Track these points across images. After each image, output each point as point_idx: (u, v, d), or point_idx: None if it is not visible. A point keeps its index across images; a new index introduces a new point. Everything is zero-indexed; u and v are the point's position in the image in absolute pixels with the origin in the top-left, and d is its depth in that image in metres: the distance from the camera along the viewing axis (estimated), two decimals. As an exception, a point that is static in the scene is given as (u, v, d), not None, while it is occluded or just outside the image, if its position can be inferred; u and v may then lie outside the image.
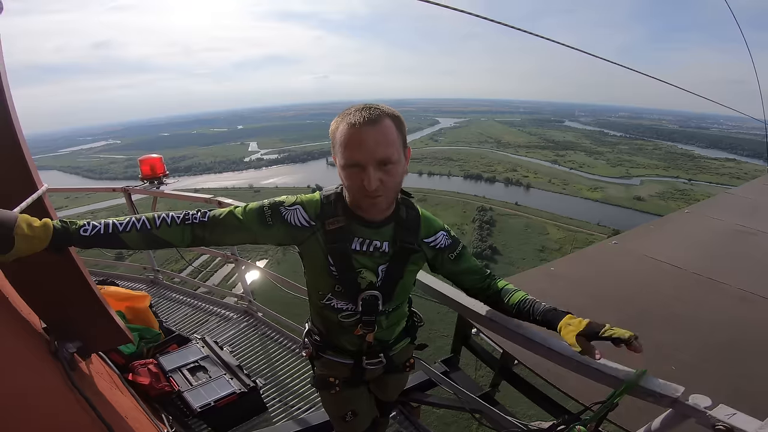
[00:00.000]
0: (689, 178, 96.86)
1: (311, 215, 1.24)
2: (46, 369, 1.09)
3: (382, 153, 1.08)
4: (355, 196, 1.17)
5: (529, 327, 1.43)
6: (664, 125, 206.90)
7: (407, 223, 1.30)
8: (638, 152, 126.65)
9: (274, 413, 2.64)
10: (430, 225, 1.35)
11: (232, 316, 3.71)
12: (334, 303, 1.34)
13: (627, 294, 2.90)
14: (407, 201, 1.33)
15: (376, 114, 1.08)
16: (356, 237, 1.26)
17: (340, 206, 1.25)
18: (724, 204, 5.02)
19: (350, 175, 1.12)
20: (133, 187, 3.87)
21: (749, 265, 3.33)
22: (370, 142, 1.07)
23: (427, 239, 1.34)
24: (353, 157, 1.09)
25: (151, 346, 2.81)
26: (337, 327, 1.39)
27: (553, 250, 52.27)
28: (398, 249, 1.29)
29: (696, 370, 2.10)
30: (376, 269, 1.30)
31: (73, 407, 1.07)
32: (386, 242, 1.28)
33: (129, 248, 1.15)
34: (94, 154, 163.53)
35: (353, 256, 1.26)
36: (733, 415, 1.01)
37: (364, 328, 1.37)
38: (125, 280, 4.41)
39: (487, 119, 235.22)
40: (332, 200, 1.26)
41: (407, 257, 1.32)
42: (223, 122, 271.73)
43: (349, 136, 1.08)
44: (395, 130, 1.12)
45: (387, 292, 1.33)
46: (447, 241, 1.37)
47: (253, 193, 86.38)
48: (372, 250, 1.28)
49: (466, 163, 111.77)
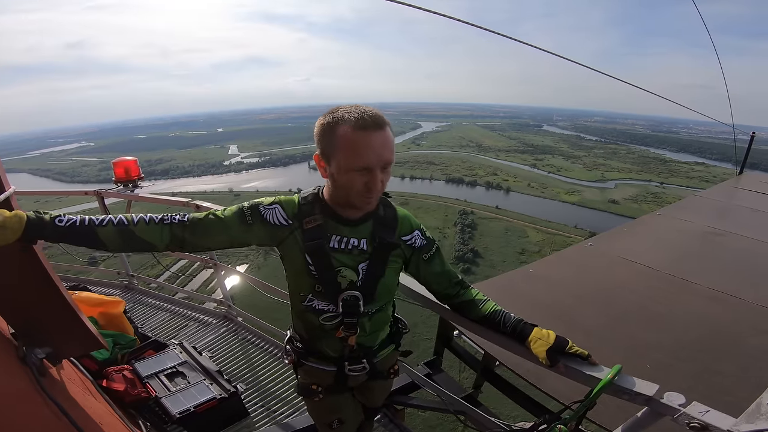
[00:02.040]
0: (661, 181, 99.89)
1: (289, 214, 1.25)
2: (14, 374, 1.06)
3: (389, 156, 1.14)
4: (354, 197, 1.18)
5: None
6: (637, 130, 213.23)
7: (385, 220, 1.32)
8: (613, 156, 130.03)
9: (256, 418, 2.59)
10: (408, 223, 1.37)
11: (211, 321, 3.63)
12: (315, 304, 1.32)
13: (603, 294, 2.97)
14: (384, 200, 1.35)
15: (380, 118, 1.12)
16: (334, 235, 1.27)
17: (318, 206, 1.27)
18: (694, 206, 5.21)
19: (354, 177, 1.13)
20: (106, 191, 3.75)
21: (719, 265, 3.46)
22: (379, 146, 1.11)
23: (405, 237, 1.36)
24: (364, 162, 1.11)
25: (125, 352, 2.73)
26: (319, 331, 1.37)
27: (532, 253, 53.09)
28: (377, 246, 1.30)
29: (670, 368, 2.16)
30: (357, 267, 1.29)
31: (43, 413, 1.04)
32: (364, 239, 1.29)
33: (104, 248, 1.13)
34: (66, 156, 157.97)
35: (332, 254, 1.27)
36: (706, 413, 1.03)
37: (346, 331, 1.35)
38: (99, 285, 4.27)
39: (468, 123, 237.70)
40: (310, 201, 1.28)
41: (387, 254, 1.32)
42: (202, 125, 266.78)
43: (359, 140, 1.09)
44: (392, 135, 1.17)
45: (368, 292, 1.32)
46: (422, 241, 1.39)
47: (233, 197, 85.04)
48: (350, 247, 1.28)
49: (447, 167, 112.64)
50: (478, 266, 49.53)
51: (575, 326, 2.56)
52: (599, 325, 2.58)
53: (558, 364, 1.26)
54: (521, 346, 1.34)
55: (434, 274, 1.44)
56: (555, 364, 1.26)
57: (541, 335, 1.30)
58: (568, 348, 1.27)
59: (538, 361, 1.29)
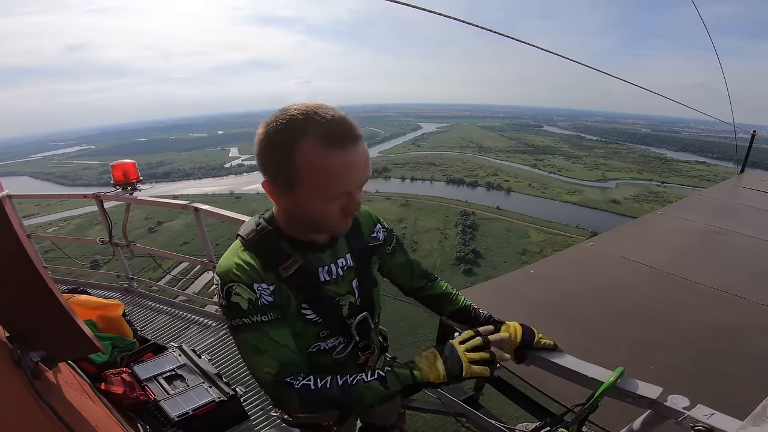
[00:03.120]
0: (662, 180, 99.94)
1: (263, 277, 0.99)
2: (8, 378, 1.05)
3: (368, 173, 0.94)
4: (329, 223, 0.99)
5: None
6: (638, 129, 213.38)
7: (351, 227, 1.12)
8: (613, 156, 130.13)
9: (256, 421, 2.57)
10: (368, 218, 1.25)
11: (211, 324, 3.62)
12: (323, 346, 1.14)
13: (605, 294, 2.96)
14: None
15: (353, 128, 0.89)
16: (318, 267, 1.09)
17: (285, 243, 1.04)
18: (695, 205, 5.19)
19: (328, 206, 0.93)
20: (104, 194, 3.75)
21: (722, 264, 3.44)
22: (359, 166, 0.90)
23: (372, 234, 1.25)
24: (343, 189, 0.91)
25: (124, 355, 2.72)
26: (334, 367, 1.18)
27: (534, 253, 53.10)
28: (359, 257, 1.18)
29: (674, 370, 2.14)
30: (351, 287, 1.16)
31: (38, 416, 1.03)
32: (348, 254, 1.15)
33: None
34: (67, 159, 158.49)
35: (325, 288, 1.09)
36: (711, 416, 1.02)
37: (364, 353, 1.23)
38: (98, 288, 4.26)
39: (468, 124, 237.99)
40: (268, 241, 1.02)
41: (369, 260, 1.21)
42: (202, 127, 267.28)
43: (334, 163, 0.86)
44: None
45: (369, 306, 1.21)
46: (384, 233, 1.28)
47: (233, 199, 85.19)
48: (341, 272, 1.13)
49: (448, 168, 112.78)
50: (479, 267, 49.54)
51: (577, 327, 2.54)
52: (601, 326, 2.57)
53: (525, 359, 1.25)
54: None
55: (398, 266, 1.35)
56: (522, 360, 1.26)
57: (509, 332, 1.24)
58: (535, 342, 1.24)
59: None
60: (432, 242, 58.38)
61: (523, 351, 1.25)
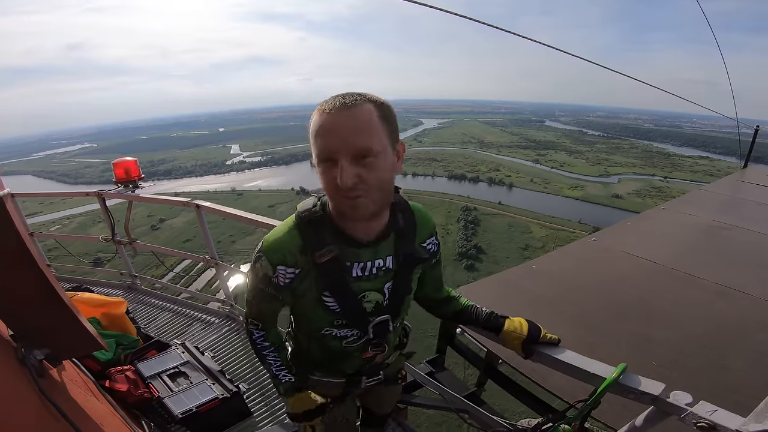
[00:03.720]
0: (665, 175, 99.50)
1: (293, 262, 1.05)
2: (12, 376, 1.06)
3: (358, 142, 0.88)
4: (331, 198, 0.99)
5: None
6: (640, 124, 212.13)
7: (406, 230, 1.13)
8: (616, 151, 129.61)
9: (259, 418, 2.58)
10: (427, 229, 1.20)
11: (214, 321, 3.63)
12: (336, 333, 1.17)
13: (607, 290, 2.95)
14: (401, 203, 1.14)
15: (352, 98, 0.90)
16: (355, 263, 1.08)
17: (328, 230, 1.05)
18: (698, 200, 5.17)
19: (324, 171, 0.93)
20: (107, 191, 3.76)
21: (725, 259, 3.43)
22: (343, 129, 0.88)
23: (424, 243, 1.20)
24: (325, 148, 0.90)
25: (128, 353, 2.73)
26: (341, 353, 1.23)
27: (536, 248, 53.03)
28: (403, 262, 1.14)
29: (676, 366, 2.14)
30: (383, 289, 1.14)
31: (42, 414, 1.04)
32: (390, 257, 1.12)
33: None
34: (69, 158, 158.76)
35: (353, 283, 1.10)
36: (714, 412, 1.01)
37: (374, 350, 1.26)
38: (102, 286, 4.27)
39: (470, 119, 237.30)
40: (315, 223, 1.05)
41: (412, 268, 1.18)
42: (203, 125, 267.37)
43: (321, 123, 0.90)
44: (377, 117, 0.91)
45: (395, 311, 1.20)
46: (435, 245, 1.24)
47: (236, 196, 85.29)
48: (375, 272, 1.11)
49: (450, 164, 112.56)
50: (481, 262, 49.52)
51: (579, 322, 2.54)
52: (603, 321, 2.56)
53: (532, 354, 1.29)
54: (497, 336, 1.35)
55: (433, 279, 1.34)
56: (530, 355, 1.29)
57: (515, 327, 1.30)
58: (541, 337, 1.28)
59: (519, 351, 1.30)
60: (434, 238, 58.45)
61: (530, 346, 1.28)
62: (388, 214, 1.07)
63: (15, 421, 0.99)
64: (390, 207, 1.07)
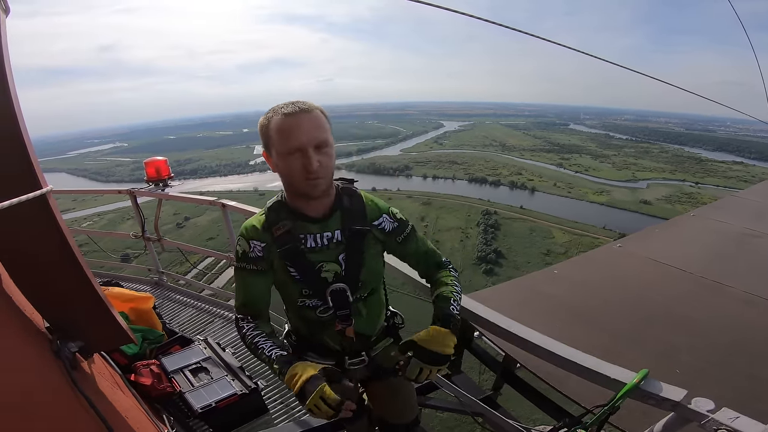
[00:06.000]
0: (696, 181, 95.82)
1: (260, 237, 1.31)
2: (47, 368, 1.10)
3: (321, 136, 1.19)
4: (297, 182, 1.22)
5: (530, 330, 1.42)
6: (671, 128, 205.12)
7: (352, 209, 1.35)
8: (644, 155, 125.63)
9: (275, 414, 2.64)
10: (375, 207, 1.39)
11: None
12: (308, 303, 1.37)
13: (631, 296, 2.89)
14: (348, 189, 1.38)
15: (307, 105, 1.20)
16: (307, 234, 1.31)
17: (284, 211, 1.32)
18: (730, 207, 4.99)
19: (291, 161, 1.19)
20: (138, 189, 3.90)
21: (755, 268, 3.30)
22: (306, 127, 1.17)
23: (375, 222, 1.38)
24: (294, 142, 1.17)
25: (153, 347, 2.82)
26: (318, 324, 1.42)
27: (558, 254, 51.92)
28: (349, 235, 1.33)
29: (700, 373, 2.08)
30: (337, 259, 1.34)
31: (74, 406, 1.08)
32: (338, 230, 1.33)
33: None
34: (102, 156, 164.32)
35: (308, 254, 1.32)
36: (736, 419, 1.00)
37: (341, 323, 1.40)
38: (130, 281, 4.43)
39: (491, 122, 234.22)
40: (275, 208, 1.33)
41: (361, 241, 1.35)
42: (228, 125, 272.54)
43: (287, 124, 1.18)
44: (325, 119, 1.23)
45: (353, 281, 1.36)
46: (393, 224, 1.41)
47: (258, 195, 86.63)
48: (326, 242, 1.32)
49: (470, 167, 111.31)
50: (501, 267, 48.77)
51: (601, 328, 2.49)
52: (626, 328, 2.51)
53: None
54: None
55: (410, 255, 1.48)
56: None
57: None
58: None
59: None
60: (453, 241, 57.81)
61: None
62: (334, 194, 1.33)
63: (49, 413, 1.03)
64: (336, 191, 1.34)
